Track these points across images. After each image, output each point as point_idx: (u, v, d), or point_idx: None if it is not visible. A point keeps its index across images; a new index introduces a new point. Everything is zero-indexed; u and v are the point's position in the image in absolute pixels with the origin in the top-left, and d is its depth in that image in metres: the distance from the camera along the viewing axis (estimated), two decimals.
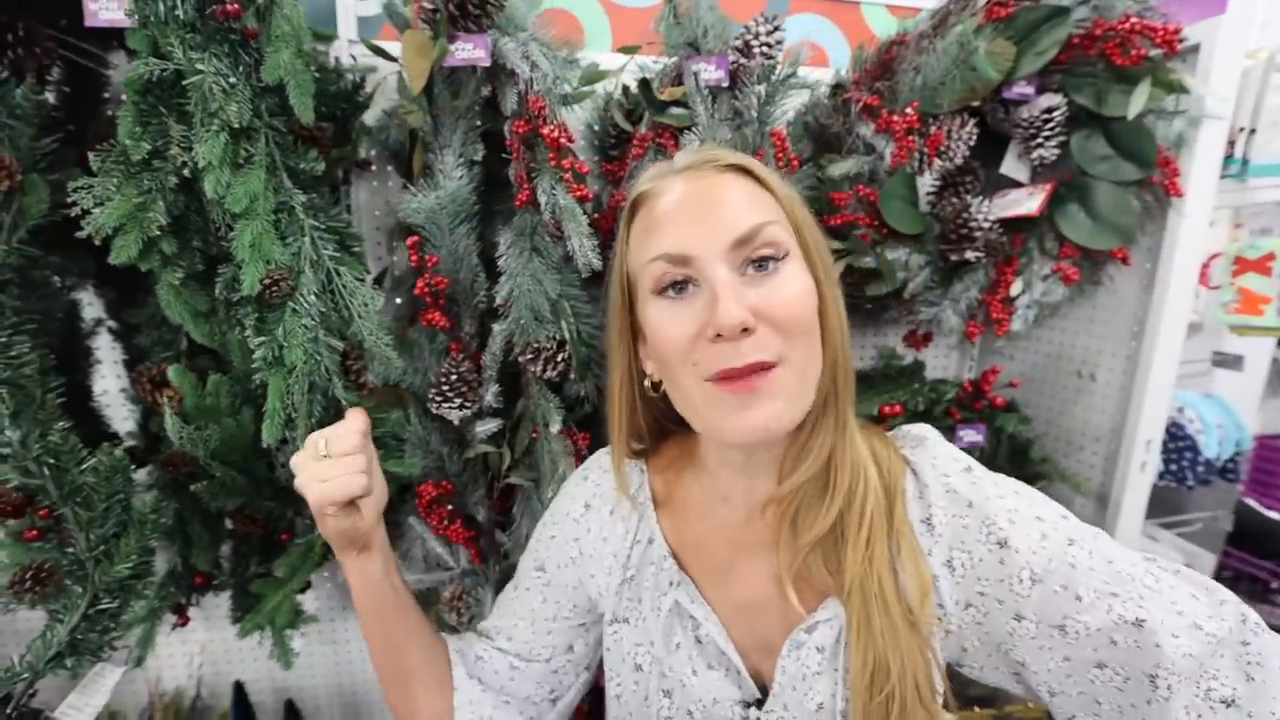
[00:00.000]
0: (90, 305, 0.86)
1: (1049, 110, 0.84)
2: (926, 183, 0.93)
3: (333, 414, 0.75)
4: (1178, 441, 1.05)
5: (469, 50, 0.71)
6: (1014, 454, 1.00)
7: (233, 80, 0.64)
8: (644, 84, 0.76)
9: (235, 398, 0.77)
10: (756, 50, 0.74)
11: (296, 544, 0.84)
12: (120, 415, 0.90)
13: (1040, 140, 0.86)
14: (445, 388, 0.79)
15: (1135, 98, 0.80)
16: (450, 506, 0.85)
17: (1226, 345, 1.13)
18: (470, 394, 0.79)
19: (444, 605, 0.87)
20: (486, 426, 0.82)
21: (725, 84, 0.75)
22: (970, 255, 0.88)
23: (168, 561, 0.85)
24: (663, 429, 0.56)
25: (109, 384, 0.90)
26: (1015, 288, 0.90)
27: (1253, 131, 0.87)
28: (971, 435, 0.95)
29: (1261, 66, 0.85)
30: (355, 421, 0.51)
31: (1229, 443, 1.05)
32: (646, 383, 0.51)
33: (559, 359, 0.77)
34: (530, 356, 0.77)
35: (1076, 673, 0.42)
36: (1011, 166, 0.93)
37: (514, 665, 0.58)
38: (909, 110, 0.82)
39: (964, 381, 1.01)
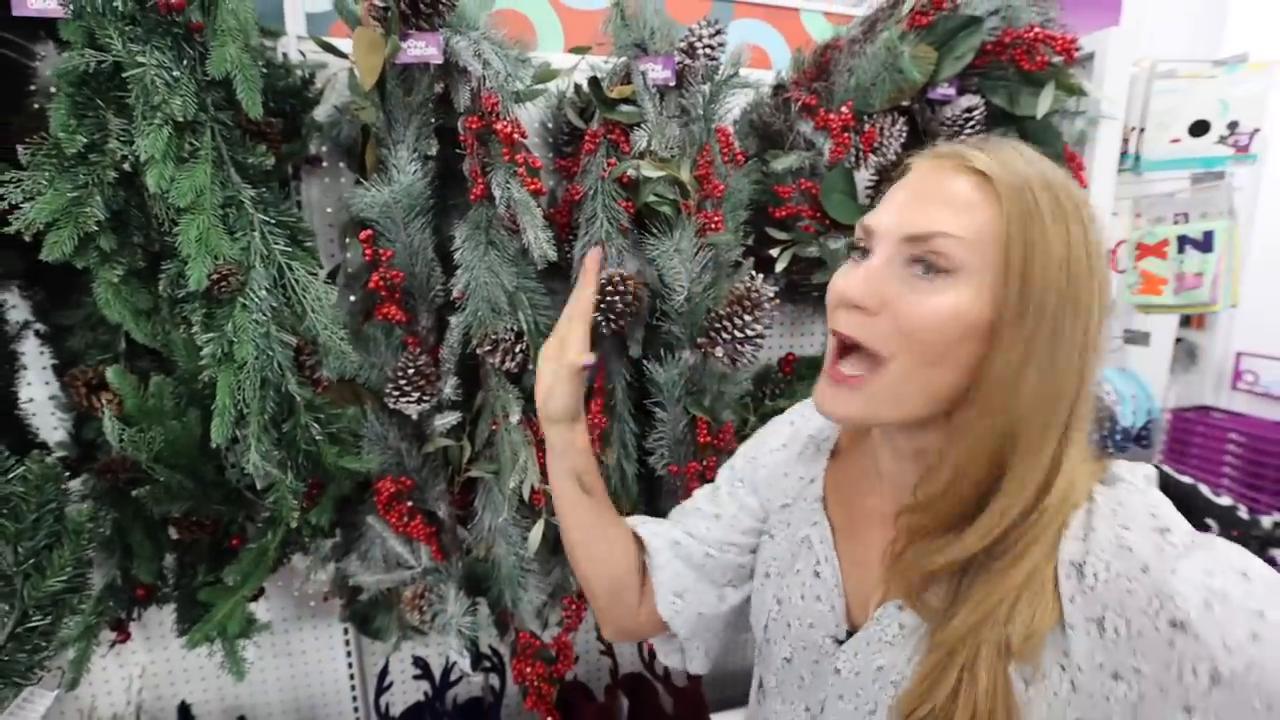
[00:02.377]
0: (15, 308, 0.81)
1: (969, 110, 0.91)
2: (865, 178, 1.00)
3: (286, 410, 0.74)
4: (1097, 413, 1.14)
5: (421, 48, 0.72)
6: None
7: (176, 73, 0.63)
8: (594, 82, 0.79)
9: (180, 399, 0.75)
10: (700, 51, 0.78)
11: (249, 549, 0.82)
12: (49, 425, 0.85)
13: (963, 138, 0.93)
14: (403, 382, 0.79)
15: (1042, 99, 0.88)
16: (410, 503, 0.84)
17: (1135, 323, 1.25)
18: (428, 387, 0.79)
19: (405, 605, 0.86)
20: (446, 420, 0.82)
21: (672, 83, 0.79)
22: None
23: (106, 574, 0.80)
24: None
25: (36, 391, 0.85)
26: None
27: (1142, 130, 0.97)
28: None
29: (1146, 74, 0.95)
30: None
31: (1141, 412, 1.16)
32: None
33: (517, 350, 0.78)
34: (488, 348, 0.78)
35: None
36: None
37: (709, 554, 0.62)
38: (844, 109, 0.88)
39: None
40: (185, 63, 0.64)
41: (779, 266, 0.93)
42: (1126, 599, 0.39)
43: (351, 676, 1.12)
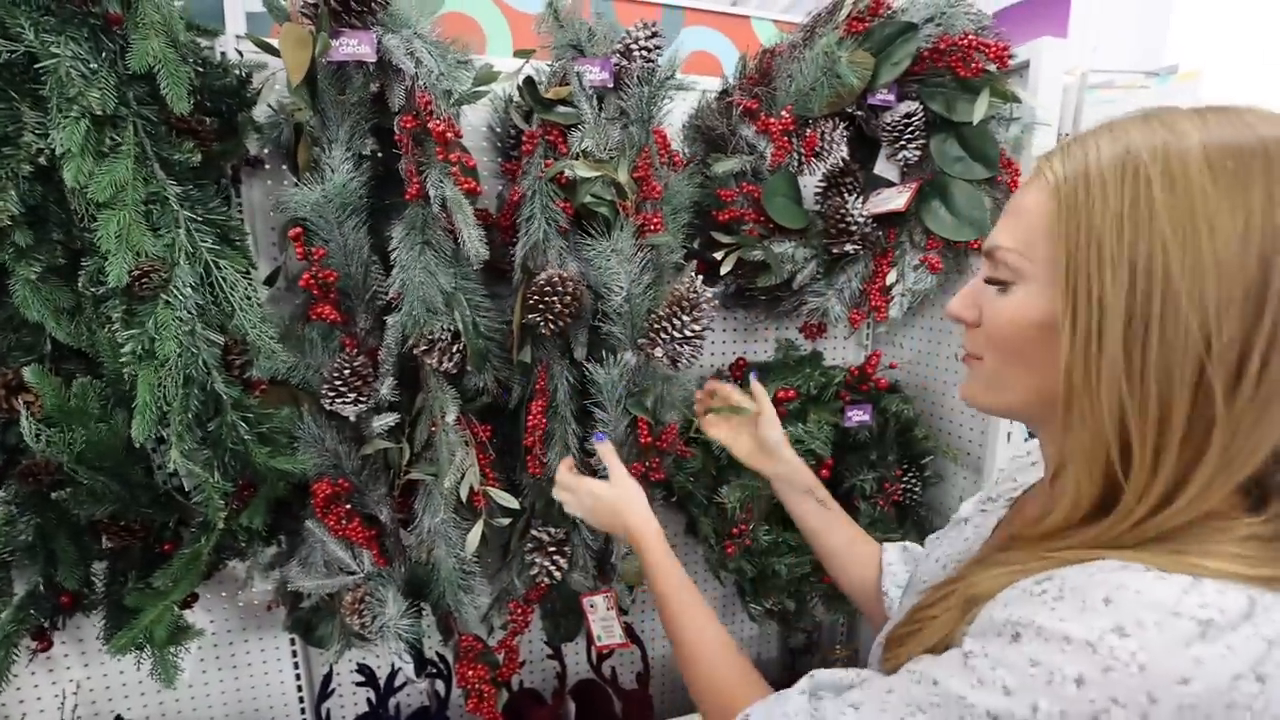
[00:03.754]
0: None
1: (908, 116, 0.93)
2: (812, 182, 1.01)
3: (212, 409, 0.72)
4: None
5: (354, 46, 0.72)
6: (900, 432, 1.08)
7: (94, 66, 0.62)
8: (529, 82, 0.80)
9: (106, 401, 0.73)
10: (637, 53, 0.78)
11: (181, 554, 0.80)
12: None
13: (903, 143, 0.95)
14: (339, 383, 0.78)
15: (978, 105, 0.90)
16: (348, 505, 0.83)
17: None
18: (364, 388, 0.78)
19: (345, 609, 0.84)
20: (384, 421, 0.81)
21: (610, 85, 0.80)
22: (849, 248, 0.96)
23: (28, 581, 0.78)
24: None
25: None
26: (890, 277, 0.99)
27: None
28: (859, 415, 1.02)
29: (1078, 83, 0.97)
30: None
31: None
32: None
33: (454, 350, 0.78)
34: (424, 348, 0.78)
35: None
36: (883, 168, 1.02)
37: (938, 560, 0.63)
38: (784, 113, 0.89)
39: (850, 367, 1.08)
40: (104, 55, 0.63)
41: (724, 269, 0.94)
42: (990, 624, 0.39)
43: (300, 688, 1.09)
